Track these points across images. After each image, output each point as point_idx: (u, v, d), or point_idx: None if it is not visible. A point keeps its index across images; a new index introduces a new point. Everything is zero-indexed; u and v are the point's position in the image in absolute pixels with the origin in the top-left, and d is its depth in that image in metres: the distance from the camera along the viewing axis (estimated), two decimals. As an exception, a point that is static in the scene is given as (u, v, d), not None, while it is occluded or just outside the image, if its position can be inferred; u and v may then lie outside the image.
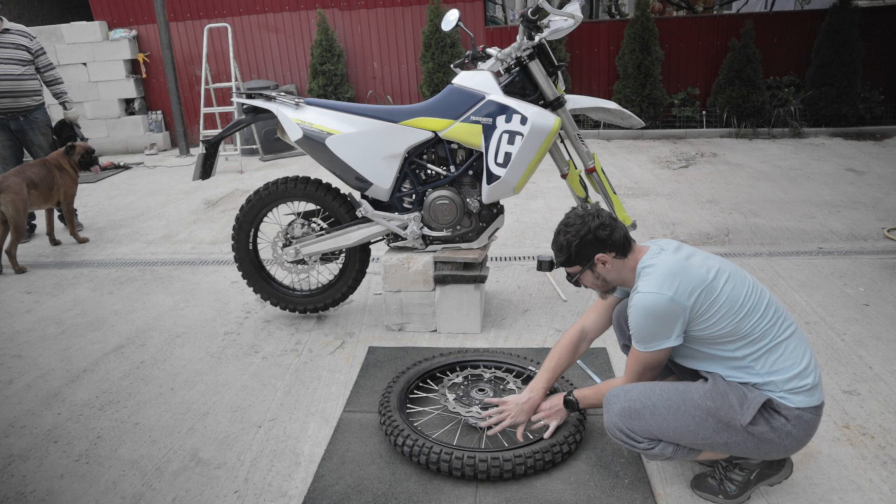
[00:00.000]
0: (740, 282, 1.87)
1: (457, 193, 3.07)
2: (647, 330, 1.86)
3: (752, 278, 1.93)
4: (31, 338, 3.41)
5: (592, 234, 1.94)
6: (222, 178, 7.02)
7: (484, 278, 3.13)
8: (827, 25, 7.72)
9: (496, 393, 2.45)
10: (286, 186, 3.17)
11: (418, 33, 8.47)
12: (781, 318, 1.86)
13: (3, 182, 4.39)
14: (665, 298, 1.80)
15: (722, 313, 1.82)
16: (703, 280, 1.83)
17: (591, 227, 1.94)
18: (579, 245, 1.96)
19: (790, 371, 1.80)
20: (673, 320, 1.82)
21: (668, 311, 1.81)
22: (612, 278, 2.01)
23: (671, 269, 1.85)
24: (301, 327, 3.36)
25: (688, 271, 1.84)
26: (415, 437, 2.18)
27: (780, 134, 7.76)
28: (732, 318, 1.82)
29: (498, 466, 2.07)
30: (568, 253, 1.99)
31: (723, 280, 1.84)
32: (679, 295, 1.80)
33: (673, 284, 1.81)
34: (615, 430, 1.95)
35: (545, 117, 2.81)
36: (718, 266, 1.88)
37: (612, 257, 1.96)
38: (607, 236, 1.94)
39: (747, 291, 1.85)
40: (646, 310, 1.83)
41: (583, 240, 1.95)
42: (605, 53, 8.50)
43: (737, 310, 1.82)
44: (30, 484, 2.24)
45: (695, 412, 1.85)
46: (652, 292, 1.82)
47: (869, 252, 4.04)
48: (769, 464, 1.96)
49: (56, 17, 11.11)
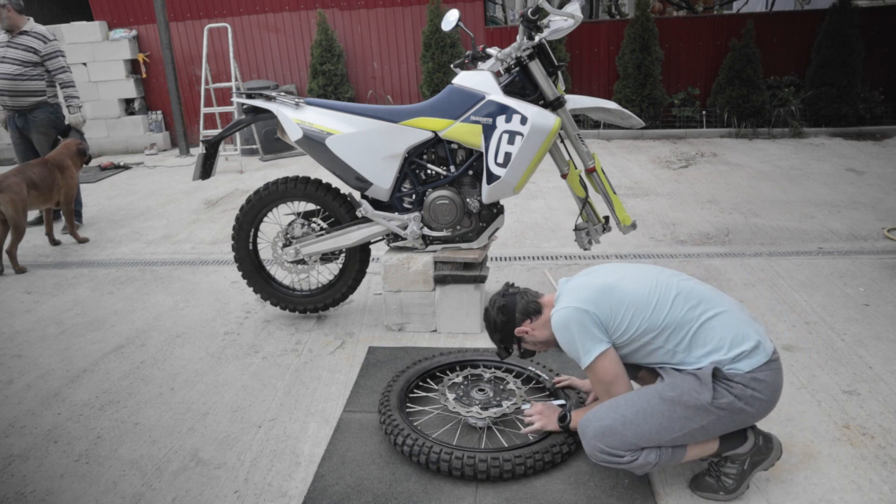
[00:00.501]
0: (640, 281, 1.99)
1: (457, 193, 3.07)
2: (575, 343, 1.96)
3: (656, 276, 2.02)
4: (31, 338, 3.41)
5: (498, 321, 2.16)
6: (222, 178, 7.03)
7: (484, 278, 3.13)
8: (827, 25, 7.72)
9: (496, 393, 2.45)
10: (286, 186, 3.17)
11: (418, 33, 8.47)
12: (696, 305, 1.93)
13: (3, 182, 4.39)
14: (570, 309, 1.96)
15: (631, 313, 1.94)
16: (602, 286, 1.98)
17: (493, 317, 2.17)
18: (498, 334, 2.18)
19: (722, 347, 1.88)
20: (588, 324, 1.94)
21: (578, 319, 1.94)
22: (545, 337, 2.13)
23: (570, 289, 2.04)
24: (301, 327, 3.36)
25: (584, 286, 2.01)
26: (415, 437, 2.19)
27: (780, 134, 7.76)
28: (643, 315, 1.93)
29: (498, 466, 2.07)
30: (498, 344, 2.22)
31: (622, 284, 1.98)
32: (582, 303, 1.95)
33: (573, 298, 1.98)
34: (596, 452, 1.95)
35: (545, 117, 2.81)
36: (618, 274, 2.04)
37: (528, 324, 2.13)
38: (509, 317, 2.13)
39: (650, 289, 1.96)
40: (561, 326, 1.97)
41: (496, 329, 2.17)
42: (605, 53, 8.50)
43: (643, 306, 1.93)
44: (30, 484, 2.24)
45: (662, 408, 1.89)
46: (558, 309, 2.00)
47: (869, 252, 4.04)
48: (758, 450, 1.99)
49: (56, 17, 11.10)
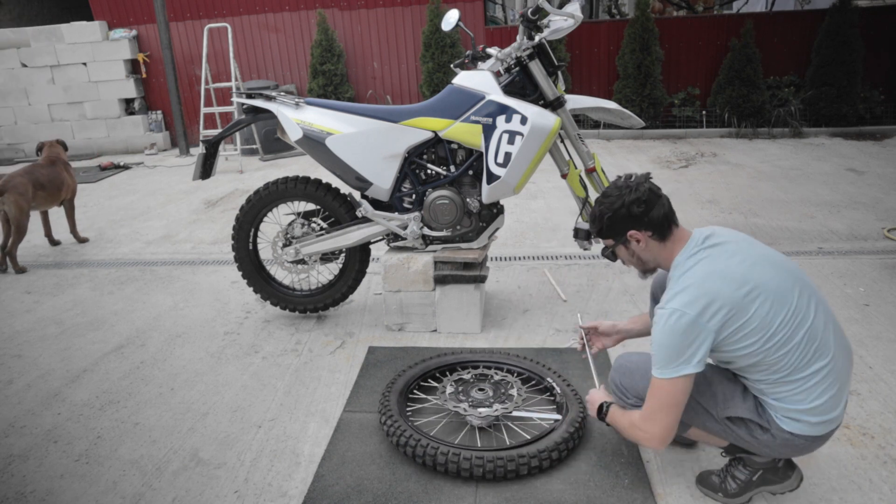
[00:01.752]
0: (778, 304, 1.68)
1: (457, 193, 3.07)
2: (668, 351, 1.70)
3: (796, 297, 1.72)
4: (31, 338, 3.41)
5: (626, 209, 1.83)
6: (222, 178, 7.02)
7: (484, 278, 3.13)
8: (827, 25, 7.72)
9: (496, 393, 2.45)
10: (286, 186, 3.17)
11: (418, 33, 8.47)
12: (814, 348, 1.70)
13: (9, 182, 4.40)
14: (689, 319, 1.66)
15: (751, 340, 1.68)
16: (733, 300, 1.67)
17: (626, 202, 1.82)
18: (612, 218, 1.87)
19: (799, 405, 1.72)
20: (695, 342, 1.68)
21: (691, 333, 1.67)
22: (648, 258, 1.89)
23: (701, 282, 1.70)
24: (301, 327, 3.36)
25: (720, 288, 1.68)
26: (417, 438, 2.18)
27: (780, 134, 7.76)
28: (761, 346, 1.69)
29: (502, 466, 2.07)
30: (600, 225, 1.92)
31: (757, 303, 1.68)
32: (704, 315, 1.66)
33: (700, 302, 1.67)
34: (611, 382, 2.03)
35: (545, 117, 2.81)
36: (755, 283, 1.69)
37: (647, 236, 1.84)
38: (642, 213, 1.81)
39: (784, 317, 1.68)
40: (669, 329, 1.69)
41: (616, 213, 1.85)
42: (605, 53, 8.50)
43: (768, 337, 1.68)
44: (30, 484, 2.24)
45: None
46: (677, 310, 1.69)
47: (869, 252, 4.04)
48: (774, 470, 1.90)
49: (56, 17, 11.10)
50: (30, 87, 8.96)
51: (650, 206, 1.81)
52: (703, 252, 1.77)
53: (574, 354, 2.86)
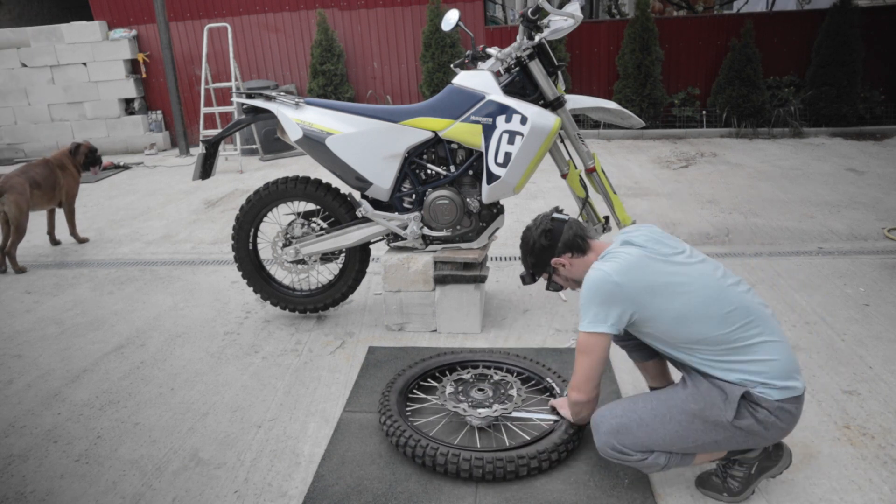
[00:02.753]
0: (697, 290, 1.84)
1: (457, 193, 3.07)
2: (587, 304, 1.87)
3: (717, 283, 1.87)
4: (31, 338, 3.41)
5: (538, 244, 2.06)
6: (222, 178, 7.02)
7: (484, 278, 3.13)
8: (827, 25, 7.71)
9: (495, 393, 2.45)
10: (286, 186, 3.17)
11: (418, 33, 8.47)
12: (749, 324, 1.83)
13: (7, 182, 4.40)
14: (612, 280, 1.84)
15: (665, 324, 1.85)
16: (660, 284, 1.83)
17: (535, 238, 2.06)
18: (532, 256, 2.09)
19: (771, 374, 1.82)
20: (613, 304, 1.83)
21: (610, 293, 1.83)
22: (578, 275, 2.03)
23: (629, 262, 1.87)
24: (301, 327, 3.36)
25: (646, 270, 1.85)
26: (417, 438, 2.18)
27: (780, 134, 7.76)
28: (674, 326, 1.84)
29: (501, 467, 2.07)
30: (528, 266, 2.13)
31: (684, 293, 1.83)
32: (628, 282, 1.83)
33: (624, 271, 1.84)
34: (607, 448, 1.96)
35: (545, 117, 2.81)
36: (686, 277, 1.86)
37: (568, 258, 2.04)
38: (552, 242, 2.03)
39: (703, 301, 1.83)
40: (591, 284, 1.87)
41: (532, 251, 2.08)
42: (605, 53, 8.50)
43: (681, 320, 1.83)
44: (30, 484, 2.24)
45: (681, 417, 1.87)
46: (601, 269, 1.87)
47: (869, 252, 4.04)
48: (767, 455, 1.97)
49: (56, 17, 11.10)
50: (30, 87, 8.96)
51: (556, 233, 2.03)
52: (630, 247, 1.92)
53: (573, 354, 2.85)
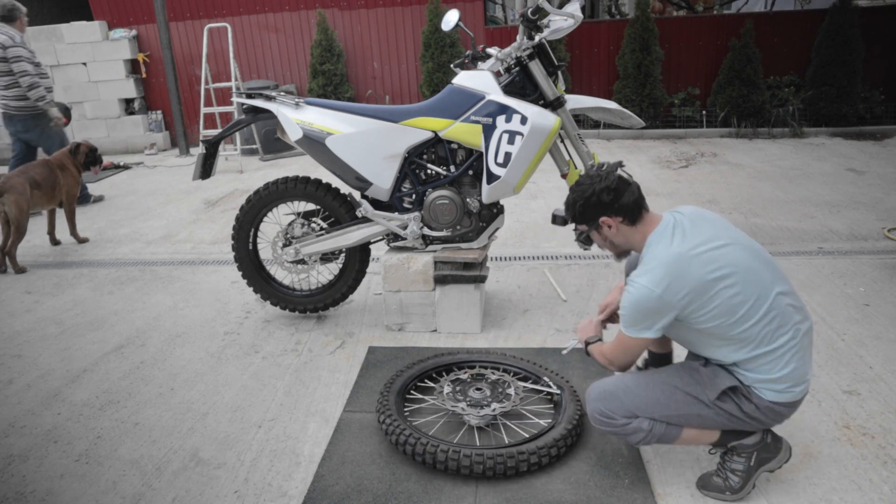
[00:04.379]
0: (743, 287, 1.81)
1: (457, 193, 3.07)
2: (632, 318, 1.88)
3: (763, 279, 1.84)
4: (31, 338, 3.41)
5: (596, 197, 1.95)
6: (222, 178, 7.02)
7: (484, 278, 3.13)
8: (827, 25, 7.71)
9: (493, 392, 2.45)
10: (286, 186, 3.17)
11: (418, 33, 8.47)
12: (777, 324, 1.83)
13: (7, 182, 4.40)
14: (655, 295, 1.82)
15: (713, 315, 1.83)
16: (700, 281, 1.80)
17: (596, 190, 1.95)
18: (583, 206, 1.99)
19: (769, 374, 1.85)
20: (657, 316, 1.85)
21: (654, 308, 1.84)
22: (620, 242, 2.02)
23: (670, 263, 1.83)
24: (301, 327, 3.36)
25: (687, 270, 1.81)
26: (417, 436, 2.18)
27: (780, 134, 7.75)
28: (723, 322, 1.83)
29: (502, 463, 2.07)
30: (573, 212, 2.04)
31: (723, 284, 1.80)
32: (668, 294, 1.81)
33: (665, 281, 1.81)
34: (595, 414, 2.02)
35: (545, 117, 2.81)
36: (724, 264, 1.82)
37: (618, 222, 1.97)
38: (611, 200, 1.94)
39: (747, 298, 1.81)
40: (635, 301, 1.86)
41: (587, 201, 1.97)
42: (605, 53, 8.49)
43: (729, 315, 1.82)
44: (30, 484, 2.24)
45: (663, 386, 1.95)
46: (644, 286, 1.84)
47: (869, 252, 4.04)
48: (765, 446, 1.97)
49: (56, 17, 11.10)
50: (30, 87, 8.95)
51: (619, 193, 1.93)
52: (673, 237, 1.88)
53: (573, 353, 2.85)
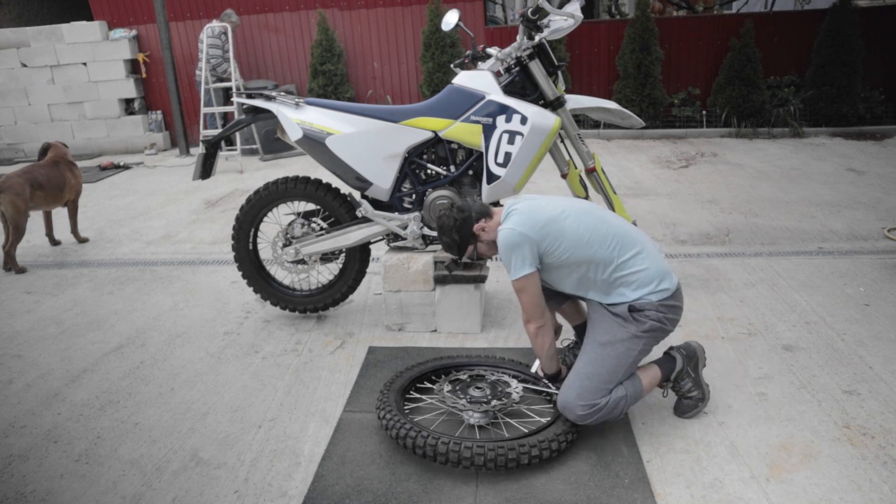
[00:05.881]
0: (583, 220, 2.29)
1: (457, 193, 3.07)
2: (508, 260, 2.28)
3: (596, 217, 2.33)
4: (31, 338, 3.41)
5: (459, 222, 2.41)
6: (222, 178, 7.02)
7: (484, 278, 3.13)
8: (827, 25, 7.71)
9: (493, 391, 2.45)
10: (286, 186, 3.17)
11: (418, 33, 8.47)
12: (619, 244, 2.28)
13: (5, 182, 4.40)
14: (516, 233, 2.25)
15: (566, 247, 2.25)
16: (550, 217, 2.27)
17: (454, 220, 2.41)
18: (459, 235, 2.42)
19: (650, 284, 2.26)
20: (524, 249, 2.24)
21: (518, 242, 2.24)
22: (493, 236, 2.39)
23: (523, 211, 2.31)
24: (301, 327, 3.36)
25: (536, 212, 2.29)
26: (417, 430, 2.18)
27: (780, 134, 7.75)
28: (575, 251, 2.25)
29: (503, 455, 2.07)
30: (456, 246, 2.46)
31: (567, 218, 2.28)
32: (528, 229, 2.24)
33: (521, 222, 2.26)
34: (583, 414, 2.22)
35: (545, 117, 2.81)
36: (564, 208, 2.32)
37: (483, 223, 2.41)
38: (468, 215, 2.41)
39: (589, 226, 2.28)
40: (503, 242, 2.28)
41: (455, 228, 2.41)
42: (605, 53, 8.49)
43: (578, 243, 2.25)
44: (30, 484, 2.24)
45: (604, 349, 2.27)
46: (506, 229, 2.28)
47: (869, 252, 4.04)
48: (687, 359, 2.41)
49: (56, 17, 11.11)
50: (30, 87, 8.95)
51: (466, 206, 2.44)
52: (518, 203, 2.38)
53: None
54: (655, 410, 2.48)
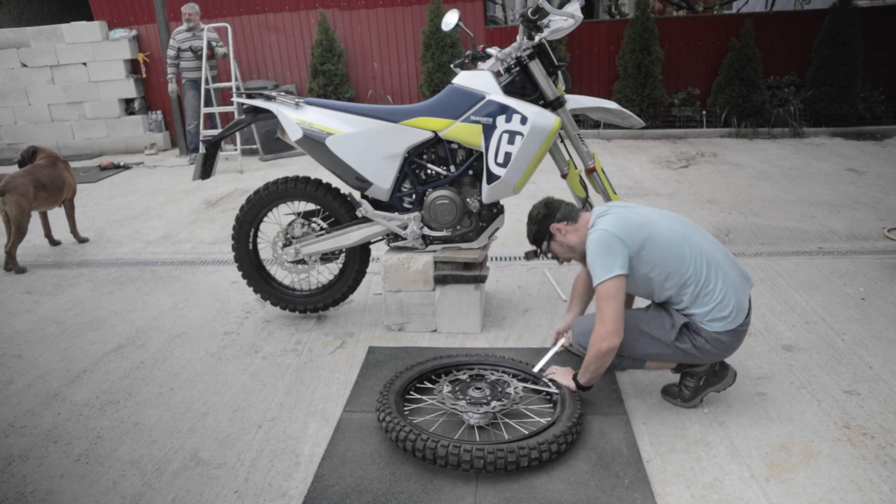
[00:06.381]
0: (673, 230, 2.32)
1: (457, 193, 3.07)
2: (601, 259, 2.25)
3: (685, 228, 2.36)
4: (31, 338, 3.41)
5: (540, 215, 2.53)
6: (222, 178, 7.02)
7: (484, 278, 3.13)
8: (827, 25, 7.71)
9: (493, 391, 2.45)
10: (286, 186, 3.17)
11: (418, 33, 8.47)
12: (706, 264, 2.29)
13: (10, 183, 4.40)
14: (610, 234, 2.26)
15: (655, 254, 2.27)
16: (640, 223, 2.30)
17: (538, 212, 2.54)
18: (537, 227, 2.54)
19: (709, 306, 2.28)
20: (617, 250, 2.24)
21: (613, 243, 2.25)
22: (574, 241, 2.45)
23: (612, 216, 2.34)
24: (301, 327, 3.36)
25: (625, 218, 2.32)
26: (417, 432, 2.18)
27: (780, 134, 7.75)
28: (664, 259, 2.27)
29: (503, 458, 2.07)
30: (532, 237, 2.59)
31: (658, 227, 2.31)
32: (621, 232, 2.26)
33: (616, 224, 2.29)
34: (577, 346, 2.48)
35: (545, 117, 2.81)
36: (655, 216, 2.36)
37: (564, 225, 2.48)
38: (551, 212, 2.51)
39: (680, 237, 2.31)
40: (598, 241, 2.29)
41: (535, 220, 2.54)
42: (605, 53, 8.49)
43: (668, 252, 2.27)
44: (30, 484, 2.24)
45: (633, 330, 2.35)
46: (601, 229, 2.30)
47: (869, 252, 4.04)
48: (713, 372, 2.42)
49: (56, 17, 11.11)
50: (30, 87, 8.96)
51: (554, 205, 2.54)
52: (611, 208, 2.42)
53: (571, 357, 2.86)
54: (655, 410, 2.48)
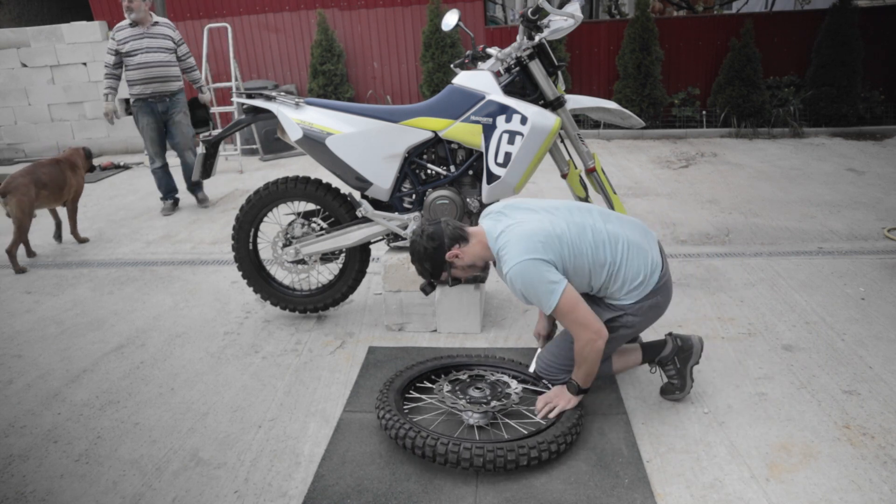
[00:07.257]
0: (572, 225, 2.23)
1: (457, 193, 3.07)
2: (538, 291, 2.14)
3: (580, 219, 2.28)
4: (31, 338, 3.41)
5: (430, 250, 2.27)
6: (222, 178, 7.02)
7: (484, 278, 3.13)
8: (827, 25, 7.71)
9: (493, 391, 2.45)
10: (286, 186, 3.17)
11: (418, 33, 8.47)
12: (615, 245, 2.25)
13: (11, 183, 4.40)
14: (528, 262, 2.12)
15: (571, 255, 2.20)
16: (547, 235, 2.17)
17: (424, 248, 2.28)
18: (431, 263, 2.30)
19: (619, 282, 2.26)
20: (544, 272, 2.13)
21: (537, 269, 2.13)
22: (471, 257, 2.31)
23: (517, 236, 2.17)
24: (301, 327, 3.36)
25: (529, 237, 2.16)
26: (416, 430, 2.18)
27: (780, 134, 7.75)
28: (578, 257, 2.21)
29: (503, 456, 2.07)
30: (429, 274, 2.35)
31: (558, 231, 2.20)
32: (535, 252, 2.13)
33: (523, 249, 2.13)
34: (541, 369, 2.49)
35: (545, 117, 2.81)
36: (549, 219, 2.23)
37: (457, 249, 2.29)
38: (439, 244, 2.27)
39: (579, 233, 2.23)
40: (521, 277, 2.14)
41: (426, 257, 2.29)
42: (605, 53, 8.49)
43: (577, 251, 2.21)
44: (30, 484, 2.24)
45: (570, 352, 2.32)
46: (517, 263, 2.13)
47: (869, 252, 4.04)
48: (679, 349, 2.45)
49: (56, 17, 11.11)
50: (30, 87, 8.95)
51: (438, 232, 2.29)
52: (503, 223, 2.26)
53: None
54: (655, 411, 2.48)
